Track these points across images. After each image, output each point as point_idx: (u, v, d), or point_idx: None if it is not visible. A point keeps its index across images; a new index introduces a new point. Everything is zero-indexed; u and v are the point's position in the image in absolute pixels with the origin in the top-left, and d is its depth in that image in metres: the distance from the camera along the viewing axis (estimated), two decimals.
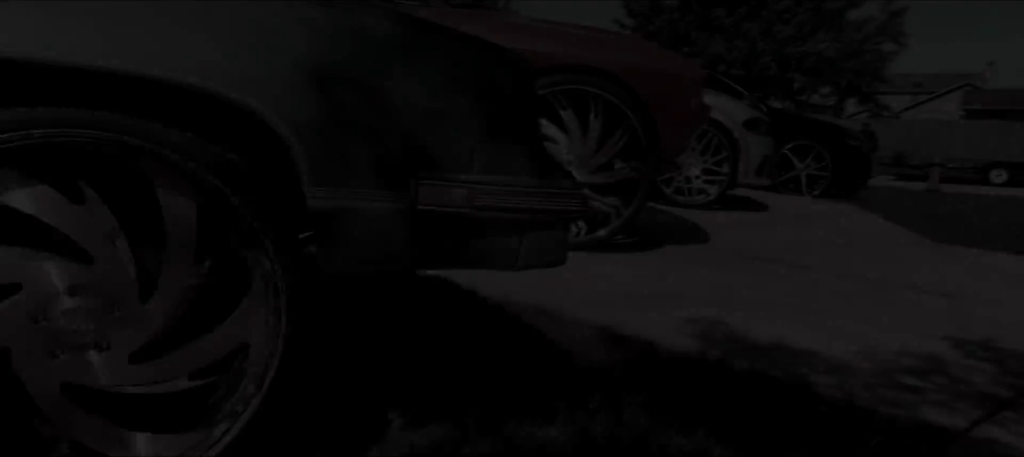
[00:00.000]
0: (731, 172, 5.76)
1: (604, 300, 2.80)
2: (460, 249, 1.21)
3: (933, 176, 15.65)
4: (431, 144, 1.16)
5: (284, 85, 1.03)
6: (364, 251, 1.14)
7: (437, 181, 1.16)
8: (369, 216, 1.12)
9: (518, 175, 1.23)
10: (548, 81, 3.45)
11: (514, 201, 1.22)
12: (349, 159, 1.09)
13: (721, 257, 3.85)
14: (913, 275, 3.75)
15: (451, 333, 2.04)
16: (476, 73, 1.18)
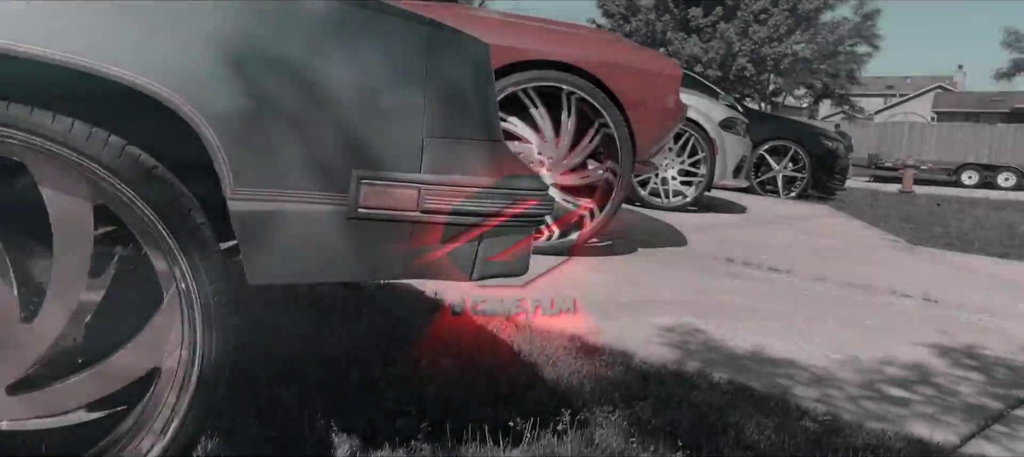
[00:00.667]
0: (708, 173, 5.69)
1: (581, 302, 2.69)
2: (408, 258, 1.08)
3: (907, 178, 15.81)
4: (374, 139, 1.03)
5: (197, 68, 0.90)
6: (297, 260, 1.01)
7: (381, 181, 1.03)
8: (302, 221, 0.99)
9: (475, 174, 1.10)
10: (519, 78, 3.33)
11: (470, 204, 1.09)
12: (277, 156, 0.96)
13: (698, 261, 3.76)
14: (893, 279, 3.69)
15: (408, 344, 1.90)
16: (427, 59, 1.05)
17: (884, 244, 5.10)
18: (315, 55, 0.97)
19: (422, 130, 1.05)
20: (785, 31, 19.01)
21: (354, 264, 1.05)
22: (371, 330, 1.99)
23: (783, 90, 26.77)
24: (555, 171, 3.48)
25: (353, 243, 1.03)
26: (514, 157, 1.17)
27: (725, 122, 5.82)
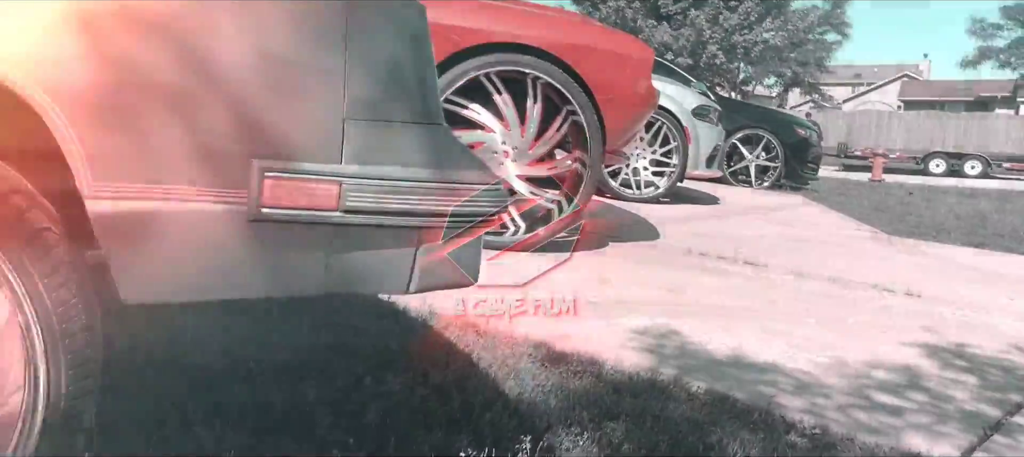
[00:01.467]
0: (681, 163, 5.56)
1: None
2: (329, 268, 0.89)
3: (876, 166, 15.97)
4: (280, 122, 0.84)
5: (35, 35, 0.70)
6: (184, 273, 0.82)
7: (291, 174, 0.84)
8: (187, 224, 0.79)
9: (411, 165, 0.92)
10: (481, 61, 3.14)
11: (404, 201, 0.91)
12: (151, 142, 0.76)
13: (672, 256, 3.62)
14: (873, 272, 3.59)
15: (351, 357, 1.71)
16: (346, 22, 0.86)
17: (861, 235, 5.02)
18: (199, 17, 0.78)
19: (342, 111, 0.86)
20: (755, 18, 19.05)
21: (259, 277, 0.86)
22: (308, 340, 1.80)
23: (753, 79, 26.92)
24: (520, 161, 3.30)
25: (256, 251, 0.84)
26: (460, 144, 0.99)
27: (698, 110, 5.69)
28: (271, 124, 0.83)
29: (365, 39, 0.88)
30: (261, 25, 0.83)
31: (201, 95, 0.79)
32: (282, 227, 0.85)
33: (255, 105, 0.83)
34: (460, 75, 3.13)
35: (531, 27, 3.22)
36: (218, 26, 0.80)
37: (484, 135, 3.25)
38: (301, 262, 0.88)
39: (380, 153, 0.90)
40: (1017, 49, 28.74)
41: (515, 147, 3.27)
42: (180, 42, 0.78)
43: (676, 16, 18.85)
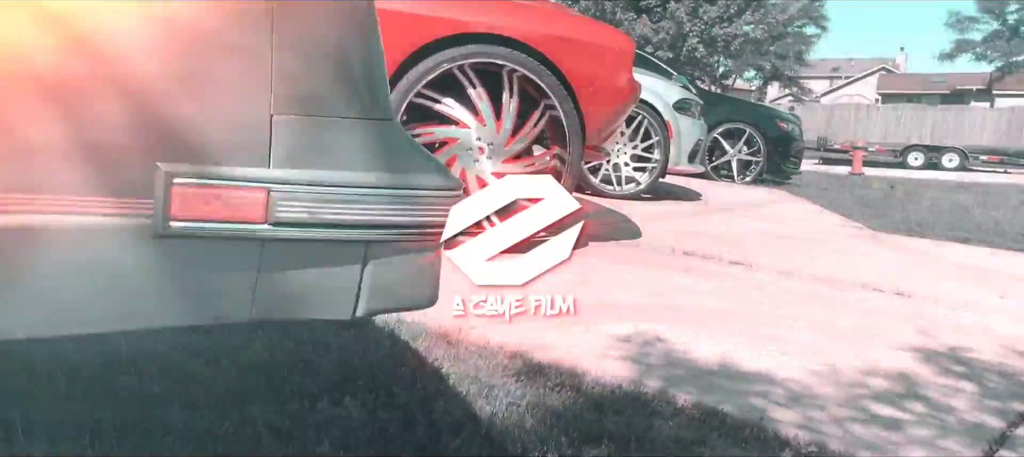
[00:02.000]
0: (662, 159, 5.45)
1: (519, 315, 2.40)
2: (258, 291, 0.75)
3: (857, 160, 16.04)
4: (194, 117, 0.70)
5: None
6: (74, 301, 0.67)
7: (206, 180, 0.70)
8: (75, 241, 0.65)
9: (355, 168, 0.78)
10: (454, 53, 3.01)
11: (347, 210, 0.77)
12: (23, 142, 0.62)
13: (654, 256, 3.51)
14: (860, 270, 3.51)
15: (307, 375, 1.57)
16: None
17: (846, 231, 4.96)
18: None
19: (270, 104, 0.73)
20: (735, 12, 19.04)
21: (167, 304, 0.72)
22: (260, 355, 1.65)
23: (733, 72, 27.00)
24: (496, 158, 3.17)
25: (164, 273, 0.70)
26: (414, 144, 0.85)
27: (679, 104, 5.59)
28: (181, 120, 0.69)
29: (298, 18, 0.74)
30: (169, 2, 0.69)
31: (90, 82, 0.65)
32: (197, 244, 0.71)
33: (160, 96, 0.69)
34: (432, 68, 2.99)
35: (507, 17, 3.09)
36: (110, 9, 0.66)
37: (458, 131, 3.12)
38: (222, 285, 0.74)
39: (317, 154, 0.76)
40: (993, 42, 29.11)
41: (490, 143, 3.14)
42: (61, 17, 0.64)
43: (656, 8, 18.79)
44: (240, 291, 0.75)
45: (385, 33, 2.88)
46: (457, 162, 3.13)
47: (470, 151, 3.13)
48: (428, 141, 3.19)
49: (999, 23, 29.16)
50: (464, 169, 3.14)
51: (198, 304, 0.74)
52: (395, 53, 2.96)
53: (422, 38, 2.96)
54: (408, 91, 2.98)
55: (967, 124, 37.18)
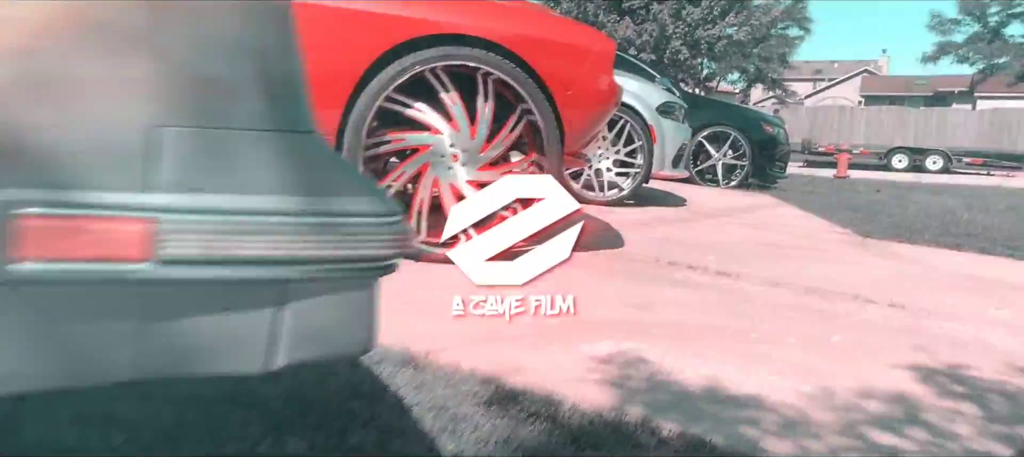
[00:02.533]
0: (646, 163, 5.35)
1: (494, 334, 2.26)
2: (141, 344, 0.61)
3: (841, 163, 16.09)
4: (47, 128, 0.56)
5: None
6: None
7: (65, 209, 0.56)
8: None
9: (265, 191, 0.64)
10: (425, 56, 2.87)
11: (255, 245, 0.63)
12: None
13: (638, 266, 3.39)
14: (852, 280, 3.41)
15: (251, 409, 1.43)
16: None
17: (834, 237, 4.87)
18: None
19: (152, 111, 0.58)
20: (719, 13, 19.05)
21: (21, 365, 0.57)
22: (203, 388, 1.50)
23: (717, 75, 27.08)
24: (470, 165, 3.03)
25: (11, 328, 0.55)
26: (340, 161, 0.71)
27: (663, 107, 5.49)
28: (28, 131, 0.55)
29: (187, 7, 0.60)
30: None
31: None
32: (54, 291, 0.57)
33: (12, 108, 0.54)
34: (402, 70, 2.85)
35: (481, 17, 2.96)
36: None
37: (430, 137, 2.98)
38: (91, 340, 0.60)
39: (217, 175, 0.62)
40: (974, 44, 29.41)
41: (465, 150, 3.01)
42: None
43: (639, 10, 18.75)
44: (116, 347, 0.61)
45: (353, 34, 2.72)
46: (430, 169, 2.99)
47: (443, 158, 3.00)
48: (399, 148, 3.05)
49: (980, 25, 29.46)
50: (437, 177, 3.00)
51: (60, 365, 0.59)
52: (363, 55, 2.82)
53: (392, 39, 2.82)
54: (378, 95, 2.84)
55: (950, 126, 37.56)
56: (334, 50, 2.83)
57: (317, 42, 2.81)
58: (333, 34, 2.82)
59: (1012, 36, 29.46)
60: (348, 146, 2.86)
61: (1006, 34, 29.38)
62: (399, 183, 3.03)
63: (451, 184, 3.02)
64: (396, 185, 3.03)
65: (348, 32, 2.82)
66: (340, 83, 2.82)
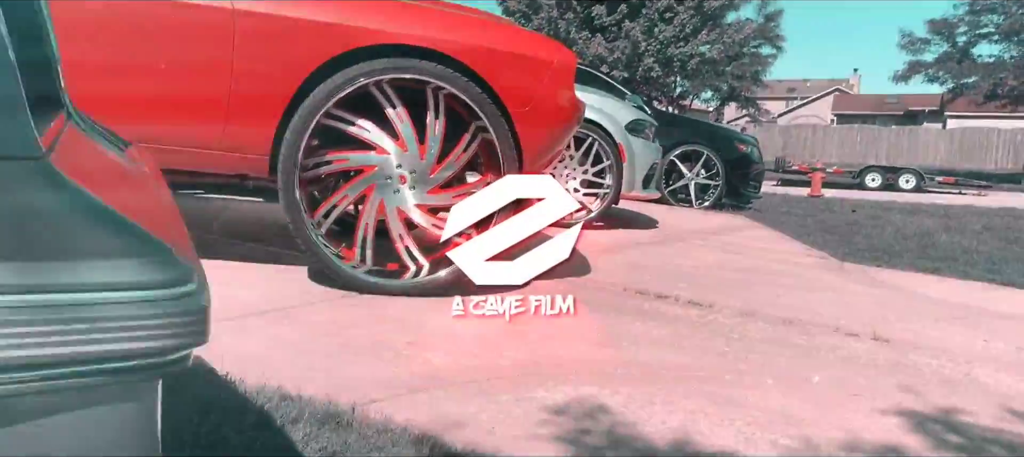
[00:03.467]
0: (615, 184, 5.17)
1: (437, 377, 2.03)
2: None
3: (815, 182, 16.12)
4: None
5: None
6: None
7: None
8: None
9: None
10: (369, 68, 2.66)
11: None
12: None
13: (603, 296, 3.18)
14: (831, 309, 3.24)
15: None
16: None
17: (811, 262, 4.72)
18: None
19: None
20: (691, 31, 19.12)
21: None
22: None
23: (690, 93, 27.22)
24: (420, 188, 2.81)
25: None
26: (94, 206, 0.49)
27: (632, 125, 5.32)
28: None
29: None
30: None
31: None
32: None
33: None
34: (342, 84, 2.63)
35: (429, 27, 2.76)
36: None
37: (375, 157, 2.76)
38: None
39: None
40: (944, 64, 29.92)
41: (413, 171, 2.79)
42: None
43: (611, 28, 18.75)
44: None
45: (286, 45, 2.47)
46: (375, 192, 2.77)
47: (390, 180, 2.78)
48: (341, 169, 2.83)
49: (949, 45, 30.00)
50: (383, 200, 2.78)
51: None
52: (298, 67, 2.60)
53: (330, 50, 2.61)
54: (315, 110, 2.62)
55: (921, 145, 38.25)
56: (265, 61, 2.61)
57: (247, 52, 2.59)
58: (264, 44, 2.60)
59: (980, 56, 30.04)
60: (282, 167, 2.63)
61: (974, 54, 29.96)
62: (342, 206, 2.80)
63: (398, 208, 2.80)
64: (339, 208, 2.80)
65: (281, 42, 2.60)
66: (271, 97, 2.59)
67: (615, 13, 18.64)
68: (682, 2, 18.99)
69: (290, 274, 2.95)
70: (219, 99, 2.56)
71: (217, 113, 2.58)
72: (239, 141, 2.65)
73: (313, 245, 2.68)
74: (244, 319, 2.34)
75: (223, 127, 2.61)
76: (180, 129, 2.62)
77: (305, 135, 2.62)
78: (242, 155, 2.68)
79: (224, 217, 4.18)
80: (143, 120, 2.60)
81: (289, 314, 2.47)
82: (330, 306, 2.61)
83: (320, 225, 2.76)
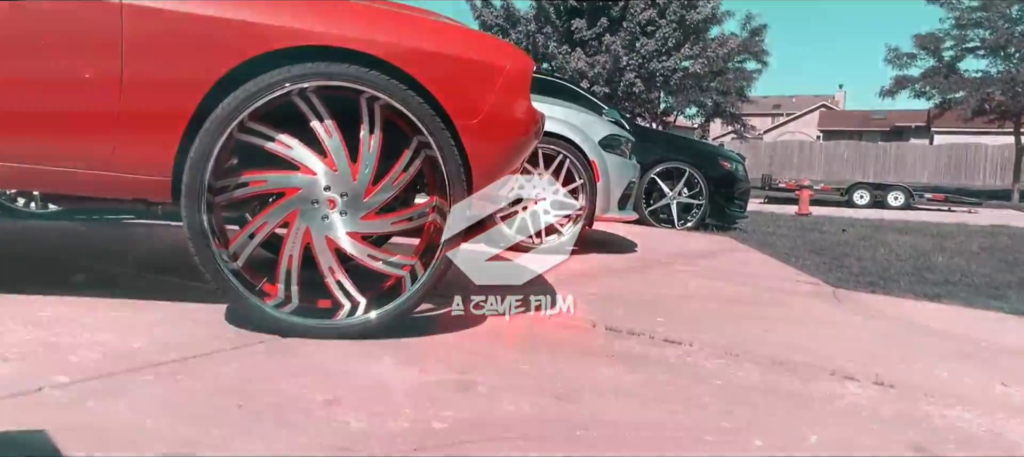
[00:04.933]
0: (589, 205, 4.86)
1: (356, 446, 1.69)
2: None
3: (803, 200, 15.97)
4: None
5: None
6: None
7: None
8: None
9: None
10: (290, 74, 2.33)
11: None
12: None
13: (569, 334, 2.86)
14: (826, 346, 2.93)
15: None
16: None
17: (802, 288, 4.42)
18: None
19: None
20: (673, 45, 18.99)
21: None
22: None
23: (674, 108, 27.17)
24: (353, 213, 2.48)
25: None
26: None
27: (607, 140, 5.03)
28: None
29: None
30: None
31: None
32: None
33: None
34: (257, 93, 2.30)
35: (362, 26, 2.44)
36: None
37: (299, 178, 2.43)
38: None
39: None
40: (931, 78, 30.15)
41: (344, 193, 2.46)
42: None
43: (591, 42, 18.58)
44: None
45: (189, 47, 2.11)
46: (299, 218, 2.43)
47: (316, 205, 2.44)
48: (259, 192, 2.49)
49: (935, 60, 30.25)
50: (309, 228, 2.44)
51: None
52: (204, 73, 2.27)
53: (242, 53, 2.28)
54: (224, 125, 2.28)
55: (909, 161, 38.51)
56: (161, 68, 2.27)
57: (138, 56, 2.25)
58: (159, 47, 2.26)
59: (967, 71, 30.29)
60: (186, 191, 2.29)
61: (961, 69, 30.21)
62: (261, 235, 2.46)
63: (327, 237, 2.47)
64: (258, 237, 2.46)
65: (180, 45, 2.27)
66: (170, 111, 2.26)
67: (595, 26, 18.47)
68: (664, 16, 18.87)
69: (203, 315, 2.60)
70: (106, 113, 2.22)
71: (105, 129, 2.23)
72: (134, 161, 2.31)
73: (222, 280, 2.34)
74: (128, 376, 1.98)
75: (113, 146, 2.26)
76: (63, 148, 2.27)
77: (213, 153, 2.28)
78: (139, 177, 2.34)
79: (146, 247, 3.82)
80: (16, 136, 2.25)
81: (187, 366, 2.12)
82: (241, 355, 2.26)
83: (236, 257, 2.41)
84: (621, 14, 18.38)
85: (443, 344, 2.58)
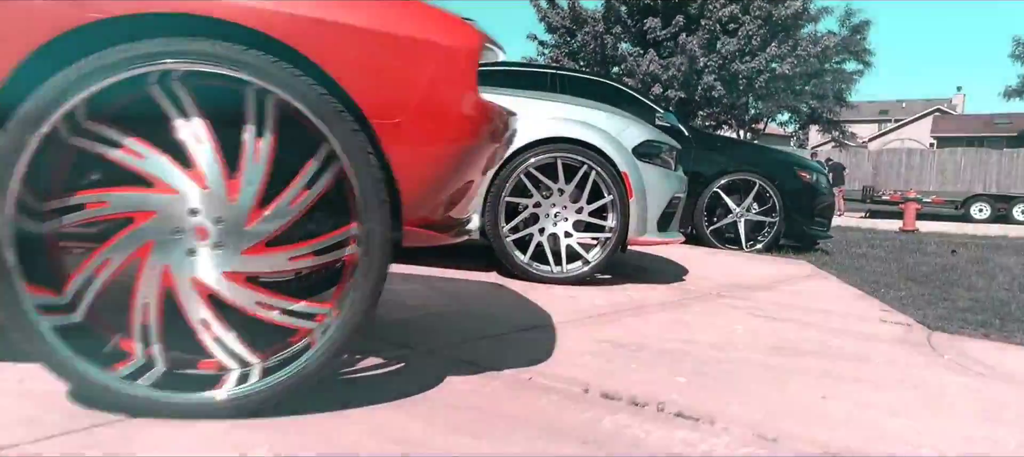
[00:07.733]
0: (619, 226, 4.20)
1: None
2: None
3: (908, 214, 14.73)
4: None
5: None
6: None
7: None
8: None
9: None
10: (139, 52, 1.81)
11: None
12: None
13: (549, 404, 2.22)
14: (911, 430, 2.20)
15: None
16: None
17: (886, 333, 3.63)
18: None
19: None
20: (759, 43, 17.94)
21: None
22: None
23: (763, 115, 25.94)
24: (232, 246, 1.93)
25: None
26: None
27: (643, 148, 4.35)
28: None
29: None
30: None
31: None
32: None
33: None
34: (87, 78, 1.78)
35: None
36: None
37: (156, 197, 1.89)
38: None
39: None
40: None
41: (219, 219, 1.91)
42: None
43: (665, 42, 17.75)
44: None
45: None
46: (153, 254, 1.89)
47: (179, 235, 1.90)
48: (99, 217, 1.95)
49: None
50: (169, 266, 1.90)
51: None
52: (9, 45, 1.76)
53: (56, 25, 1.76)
54: (34, 123, 1.77)
55: None
56: None
57: None
58: None
59: None
60: None
61: None
62: (102, 276, 1.92)
63: (194, 278, 1.92)
64: (98, 280, 1.92)
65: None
66: None
67: (671, 26, 17.64)
68: (747, 12, 17.88)
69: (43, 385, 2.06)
70: None
71: None
72: None
73: (37, 341, 1.82)
74: None
75: None
76: None
77: (23, 162, 1.77)
78: None
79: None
80: None
81: None
82: (72, 445, 1.72)
83: (73, 307, 1.90)
84: (699, 11, 17.50)
85: (355, 423, 1.99)
